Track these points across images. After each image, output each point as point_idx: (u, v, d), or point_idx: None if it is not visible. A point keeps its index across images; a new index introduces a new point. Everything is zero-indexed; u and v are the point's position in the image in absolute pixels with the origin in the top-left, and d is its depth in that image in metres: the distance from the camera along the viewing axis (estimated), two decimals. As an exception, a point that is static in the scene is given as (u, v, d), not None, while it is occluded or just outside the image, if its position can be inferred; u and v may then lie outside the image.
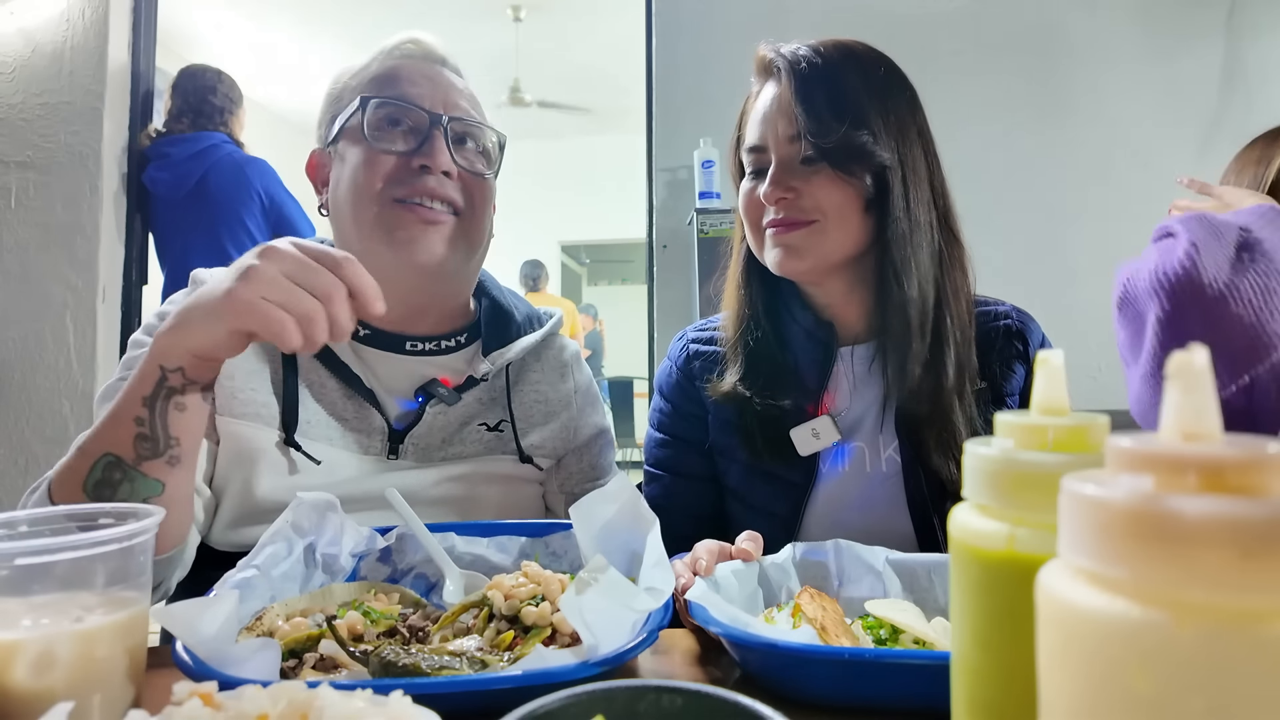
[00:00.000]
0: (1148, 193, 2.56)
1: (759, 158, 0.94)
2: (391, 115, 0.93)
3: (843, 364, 0.98)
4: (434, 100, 0.93)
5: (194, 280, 0.94)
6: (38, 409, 2.68)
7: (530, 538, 0.81)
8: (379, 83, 0.94)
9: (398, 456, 0.93)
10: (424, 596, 0.75)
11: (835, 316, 0.99)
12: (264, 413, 0.89)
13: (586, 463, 1.05)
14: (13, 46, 2.74)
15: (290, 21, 5.26)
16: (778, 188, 0.90)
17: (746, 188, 0.96)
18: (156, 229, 2.81)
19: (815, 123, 0.88)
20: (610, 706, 0.37)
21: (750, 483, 0.98)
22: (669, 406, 1.06)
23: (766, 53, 0.96)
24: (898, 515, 0.94)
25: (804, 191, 0.90)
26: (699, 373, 1.03)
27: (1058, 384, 0.34)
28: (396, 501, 0.78)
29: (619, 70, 5.85)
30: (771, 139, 0.92)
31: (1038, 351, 1.04)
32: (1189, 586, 0.22)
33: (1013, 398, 0.98)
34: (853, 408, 0.97)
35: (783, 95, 0.92)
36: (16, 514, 0.56)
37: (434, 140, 0.92)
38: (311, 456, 0.88)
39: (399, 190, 0.90)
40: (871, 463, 0.96)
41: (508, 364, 1.00)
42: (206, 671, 0.51)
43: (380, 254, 0.90)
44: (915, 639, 0.66)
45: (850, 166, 0.89)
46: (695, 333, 1.08)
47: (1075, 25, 2.66)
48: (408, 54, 0.98)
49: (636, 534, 0.70)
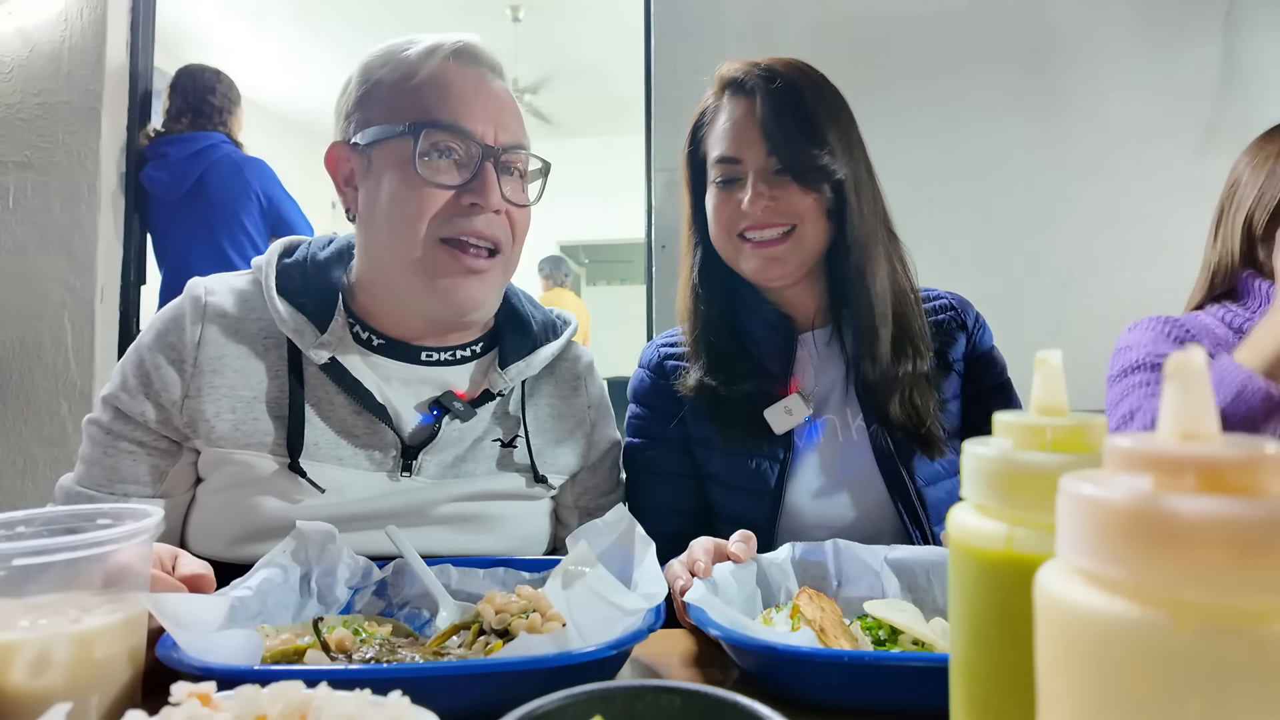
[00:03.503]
0: (1146, 191, 2.56)
1: (730, 168, 1.01)
2: (442, 145, 0.87)
3: (804, 349, 1.06)
4: (486, 123, 0.88)
5: (190, 290, 0.92)
6: (36, 409, 2.67)
7: (530, 573, 0.80)
8: (426, 91, 0.87)
9: (411, 474, 0.90)
10: (418, 631, 0.74)
11: (792, 308, 1.07)
12: (267, 440, 0.87)
13: (600, 477, 1.04)
14: (10, 46, 2.74)
15: (289, 21, 5.25)
16: (760, 196, 0.97)
17: (719, 196, 1.02)
18: (155, 229, 2.81)
19: (787, 140, 0.97)
20: (609, 707, 0.37)
21: (732, 467, 1.03)
22: (645, 410, 1.10)
23: (735, 72, 1.03)
24: (870, 475, 1.01)
25: (781, 198, 0.98)
26: (671, 372, 1.09)
27: (1056, 384, 0.34)
28: (397, 538, 0.78)
29: (618, 70, 5.85)
30: (748, 151, 0.99)
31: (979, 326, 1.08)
32: (1187, 586, 0.22)
33: (958, 362, 1.08)
34: (819, 385, 1.05)
35: (756, 112, 0.99)
36: (14, 514, 0.56)
37: (485, 176, 0.87)
38: (316, 484, 0.86)
39: (446, 230, 0.86)
40: (843, 432, 1.03)
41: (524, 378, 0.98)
42: (186, 660, 0.51)
43: (419, 291, 0.88)
44: (914, 640, 0.66)
45: (817, 180, 0.97)
46: (664, 340, 1.15)
47: (1073, 24, 2.66)
48: (459, 59, 0.90)
49: (634, 561, 0.70)
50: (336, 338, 0.90)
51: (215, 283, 0.93)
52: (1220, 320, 1.21)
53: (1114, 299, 2.52)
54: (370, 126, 0.89)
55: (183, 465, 0.89)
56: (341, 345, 0.90)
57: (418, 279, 0.87)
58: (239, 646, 0.54)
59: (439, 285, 0.87)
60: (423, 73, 0.88)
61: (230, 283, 0.94)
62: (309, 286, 0.92)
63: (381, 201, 0.88)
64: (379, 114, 0.89)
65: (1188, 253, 1.29)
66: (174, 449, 0.89)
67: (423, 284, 0.88)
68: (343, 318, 0.91)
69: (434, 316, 0.91)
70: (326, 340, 0.88)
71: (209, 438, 0.86)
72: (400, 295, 0.90)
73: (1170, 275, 1.35)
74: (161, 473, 0.89)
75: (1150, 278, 2.32)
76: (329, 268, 0.95)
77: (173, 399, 0.87)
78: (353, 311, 0.93)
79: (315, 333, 0.89)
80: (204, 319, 0.89)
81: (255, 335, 0.90)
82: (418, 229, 0.86)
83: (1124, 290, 2.52)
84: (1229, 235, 1.22)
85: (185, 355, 0.88)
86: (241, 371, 0.88)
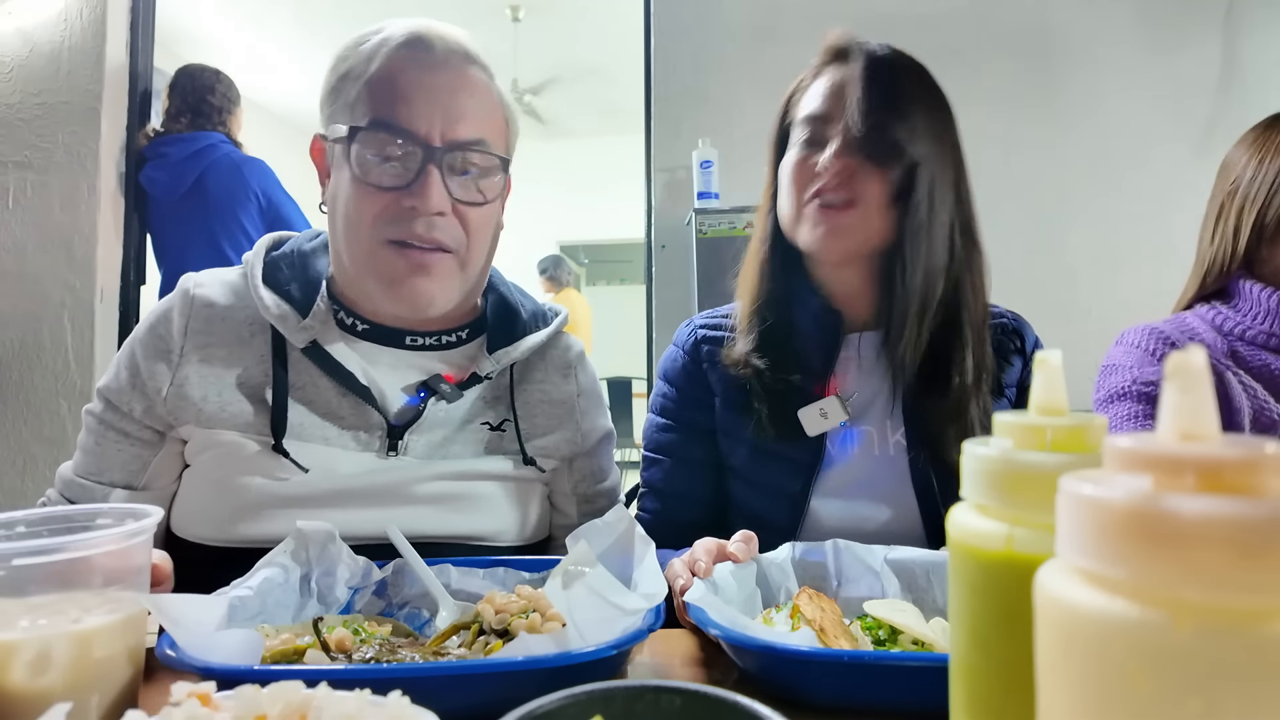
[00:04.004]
0: (1146, 190, 2.56)
1: (817, 128, 0.97)
2: (381, 147, 0.85)
3: (850, 350, 1.01)
4: (430, 123, 0.85)
5: (181, 284, 0.94)
6: (35, 409, 2.68)
7: (530, 573, 0.79)
8: (373, 88, 0.86)
9: (397, 453, 0.92)
10: (418, 631, 0.74)
11: (844, 305, 1.01)
12: (253, 422, 0.88)
13: (595, 464, 1.05)
14: (10, 46, 2.74)
15: (289, 20, 5.26)
16: (840, 158, 0.93)
17: (798, 156, 0.98)
18: (154, 229, 2.81)
19: (871, 107, 0.93)
20: (609, 707, 0.37)
21: (758, 463, 0.99)
22: (674, 391, 1.07)
23: (842, 40, 0.99)
24: (903, 496, 0.96)
25: (859, 171, 0.93)
26: (707, 357, 1.05)
27: (1056, 384, 0.34)
28: (396, 538, 0.78)
29: (617, 70, 5.85)
30: (837, 112, 0.95)
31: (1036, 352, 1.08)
32: (1187, 586, 0.22)
33: (1010, 389, 1.02)
34: (861, 392, 1.00)
35: (854, 76, 0.95)
36: (14, 514, 0.56)
37: (426, 178, 0.85)
38: (299, 464, 0.87)
39: (390, 232, 0.86)
40: (880, 446, 0.98)
41: (512, 363, 0.99)
42: (186, 660, 0.51)
43: (373, 288, 0.90)
44: (914, 640, 0.66)
45: (888, 156, 0.93)
46: (704, 319, 1.10)
47: (1073, 24, 2.66)
48: (412, 53, 0.87)
49: (634, 561, 0.70)
50: (319, 322, 0.91)
51: (205, 276, 0.96)
52: (1209, 323, 1.20)
53: (1113, 299, 2.52)
54: (334, 123, 0.90)
55: (166, 455, 0.92)
56: (324, 330, 0.92)
57: (371, 277, 0.89)
58: (239, 646, 0.54)
59: (385, 280, 0.88)
60: (372, 68, 0.87)
61: (221, 276, 0.96)
62: (294, 275, 0.94)
63: (337, 200, 0.90)
64: (339, 110, 0.90)
65: (1186, 253, 1.29)
66: (157, 439, 0.91)
67: (375, 282, 0.89)
68: (326, 304, 0.93)
69: (392, 312, 0.92)
70: (308, 325, 0.90)
71: (197, 420, 0.88)
72: (364, 289, 0.92)
73: (1169, 275, 1.35)
74: (145, 463, 0.91)
75: (1150, 278, 2.32)
76: (314, 258, 0.97)
77: (159, 389, 0.89)
78: (337, 299, 0.95)
79: (298, 319, 0.90)
80: (191, 309, 0.91)
81: (241, 323, 0.92)
82: (362, 230, 0.87)
83: (1123, 290, 2.52)
84: (1229, 232, 1.19)
85: (173, 346, 0.90)
86: (227, 359, 0.90)
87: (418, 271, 0.87)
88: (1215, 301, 1.22)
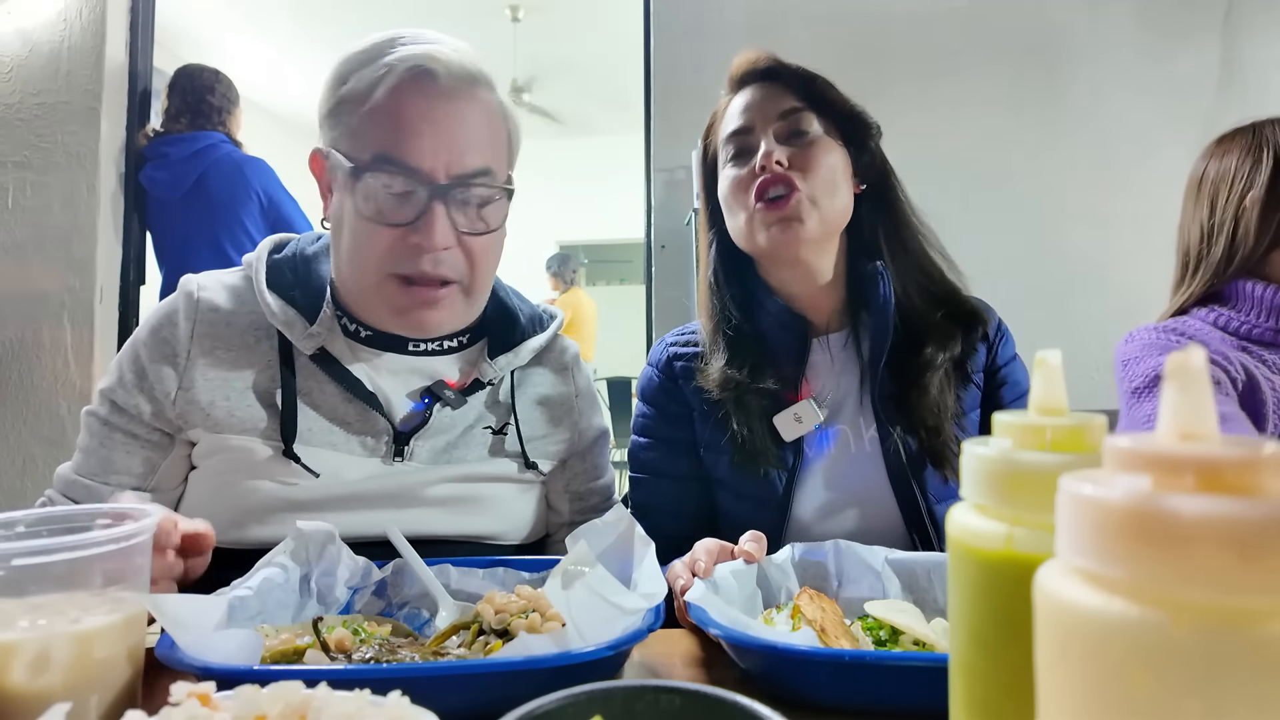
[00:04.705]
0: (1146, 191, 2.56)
1: (744, 140, 1.01)
2: (385, 183, 0.85)
3: (818, 353, 1.03)
4: (435, 159, 0.84)
5: (183, 286, 0.94)
6: (35, 409, 2.67)
7: (530, 573, 0.80)
8: (378, 120, 0.85)
9: (403, 459, 0.93)
10: (417, 631, 0.74)
11: (806, 309, 1.04)
12: (261, 426, 0.89)
13: (589, 463, 1.06)
14: (10, 46, 2.74)
15: (288, 21, 5.25)
16: (774, 151, 0.97)
17: (733, 172, 1.01)
18: (154, 229, 2.81)
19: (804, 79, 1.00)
20: (609, 706, 0.37)
21: (739, 473, 1.01)
22: (652, 410, 1.09)
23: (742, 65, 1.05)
24: (880, 489, 0.98)
25: (795, 154, 0.97)
26: (681, 373, 1.07)
27: (1056, 384, 0.34)
28: (396, 538, 0.79)
29: (617, 70, 5.85)
30: (758, 117, 1.00)
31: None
32: (1186, 586, 0.22)
33: (978, 374, 1.04)
34: (833, 392, 1.02)
35: (769, 88, 1.01)
36: (14, 514, 0.56)
37: (430, 216, 0.84)
38: (310, 469, 0.88)
39: (395, 267, 0.87)
40: (855, 444, 1.00)
41: (514, 368, 1.00)
42: (186, 660, 0.51)
43: (378, 314, 0.91)
44: (915, 640, 0.66)
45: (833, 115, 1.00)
46: (674, 337, 1.12)
47: (1073, 25, 2.66)
48: (417, 84, 0.85)
49: (634, 561, 0.70)
50: (325, 329, 0.91)
51: (207, 279, 0.96)
52: (1212, 324, 1.20)
53: (1114, 299, 2.52)
54: (336, 147, 0.88)
55: (174, 458, 0.92)
56: (330, 336, 0.92)
57: (377, 305, 0.90)
58: (238, 646, 0.54)
59: (395, 312, 0.90)
60: (376, 97, 0.85)
61: (222, 279, 0.96)
62: (298, 280, 0.94)
63: (342, 226, 0.90)
64: (341, 137, 0.88)
65: (1186, 254, 1.29)
66: (166, 442, 0.91)
67: (381, 310, 0.91)
68: (330, 310, 0.93)
69: (398, 334, 0.94)
70: (315, 331, 0.90)
71: (205, 424, 0.88)
72: (368, 309, 0.93)
73: (1169, 276, 1.35)
74: (153, 465, 0.91)
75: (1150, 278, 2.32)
76: (317, 262, 0.98)
77: (166, 392, 0.89)
78: (340, 305, 0.95)
79: (305, 324, 0.91)
80: (197, 313, 0.91)
81: (247, 328, 0.92)
82: (369, 264, 0.88)
83: (1123, 290, 2.52)
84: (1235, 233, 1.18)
85: (179, 350, 0.90)
86: (234, 363, 0.91)
87: (424, 305, 0.89)
88: (1212, 305, 1.22)
